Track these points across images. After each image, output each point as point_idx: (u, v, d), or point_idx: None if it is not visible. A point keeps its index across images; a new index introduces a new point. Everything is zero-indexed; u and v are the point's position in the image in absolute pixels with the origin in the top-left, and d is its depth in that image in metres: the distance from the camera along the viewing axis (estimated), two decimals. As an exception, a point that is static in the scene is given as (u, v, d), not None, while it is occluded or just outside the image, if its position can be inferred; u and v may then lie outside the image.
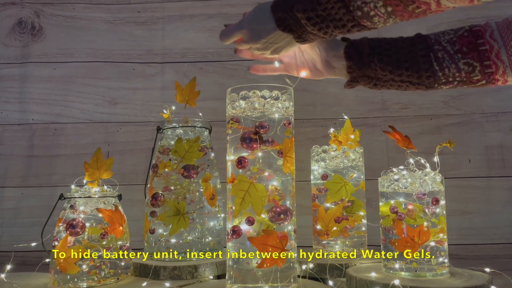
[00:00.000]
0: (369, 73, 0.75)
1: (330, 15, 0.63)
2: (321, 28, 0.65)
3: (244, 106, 0.78)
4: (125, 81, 1.48)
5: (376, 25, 0.63)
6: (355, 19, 0.61)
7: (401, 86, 0.75)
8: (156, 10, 1.50)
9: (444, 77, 0.71)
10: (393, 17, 0.59)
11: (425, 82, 0.72)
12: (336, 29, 0.64)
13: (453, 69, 0.70)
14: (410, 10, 0.57)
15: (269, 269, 0.74)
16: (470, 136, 1.40)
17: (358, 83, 0.78)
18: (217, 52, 1.48)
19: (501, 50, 0.67)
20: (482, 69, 0.69)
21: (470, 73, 0.70)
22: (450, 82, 0.72)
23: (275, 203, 0.76)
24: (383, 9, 0.58)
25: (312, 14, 0.64)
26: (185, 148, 1.00)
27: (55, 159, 1.43)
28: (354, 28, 0.64)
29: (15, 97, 1.46)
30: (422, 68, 0.71)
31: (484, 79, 0.70)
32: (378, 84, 0.76)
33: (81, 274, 0.84)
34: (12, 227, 1.40)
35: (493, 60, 0.68)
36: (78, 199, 0.87)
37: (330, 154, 1.07)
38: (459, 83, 0.72)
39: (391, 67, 0.73)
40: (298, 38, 0.70)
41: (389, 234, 0.86)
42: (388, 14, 0.59)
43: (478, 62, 0.69)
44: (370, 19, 0.61)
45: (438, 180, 0.86)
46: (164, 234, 0.98)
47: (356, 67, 0.75)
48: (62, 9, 1.50)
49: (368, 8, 0.59)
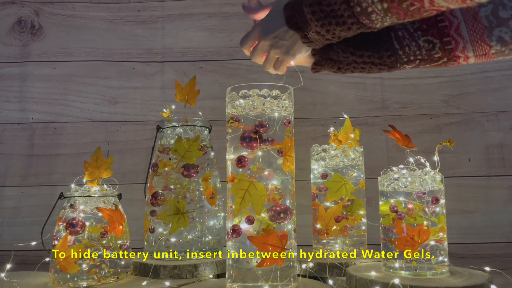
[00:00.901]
0: (332, 56, 0.76)
1: (333, 11, 0.63)
2: (323, 24, 0.66)
3: (244, 105, 0.78)
4: (125, 80, 1.48)
5: (374, 24, 0.63)
6: (354, 15, 0.62)
7: (364, 68, 0.76)
8: (156, 9, 1.50)
9: (405, 55, 0.72)
10: (390, 15, 0.60)
11: (386, 62, 0.73)
12: (338, 26, 0.65)
13: (413, 47, 0.70)
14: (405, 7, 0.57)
15: (269, 268, 0.74)
16: (470, 135, 1.40)
17: (323, 66, 0.80)
18: (217, 51, 1.48)
19: (460, 25, 0.67)
20: (442, 46, 0.69)
21: (430, 51, 0.70)
22: (412, 61, 0.72)
23: (275, 202, 0.76)
24: (379, 5, 0.58)
25: (317, 8, 0.65)
26: (185, 147, 1.00)
27: (55, 158, 1.43)
28: (354, 26, 0.64)
29: (15, 96, 1.46)
30: (383, 47, 0.72)
31: (445, 56, 0.70)
32: (342, 67, 0.77)
33: (81, 273, 0.84)
34: (12, 226, 1.40)
35: (453, 36, 0.68)
36: (78, 198, 0.87)
37: (330, 153, 1.07)
38: (421, 62, 0.72)
39: (351, 48, 0.73)
40: (304, 38, 0.71)
41: (389, 233, 0.86)
42: (384, 11, 0.59)
43: (438, 38, 0.69)
44: (368, 16, 0.61)
45: (438, 179, 0.86)
46: (164, 233, 0.98)
47: (318, 50, 0.77)
48: (62, 8, 1.50)
49: (366, 3, 0.59)
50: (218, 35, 1.48)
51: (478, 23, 0.66)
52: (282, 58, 0.77)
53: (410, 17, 0.60)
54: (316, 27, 0.67)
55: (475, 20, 0.66)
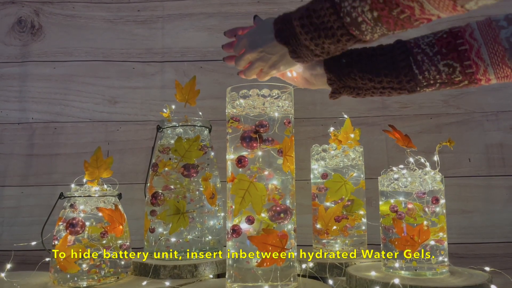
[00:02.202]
0: (350, 83, 0.76)
1: (322, 23, 0.63)
2: (313, 37, 0.65)
3: (244, 105, 0.78)
4: (125, 80, 1.48)
5: (364, 35, 0.62)
6: (344, 26, 0.61)
7: (383, 92, 0.75)
8: (156, 9, 1.50)
9: (425, 80, 0.70)
10: (380, 24, 0.59)
11: (406, 86, 0.72)
12: (327, 38, 0.64)
13: (433, 72, 0.69)
14: (395, 15, 0.56)
15: (269, 268, 0.74)
16: (470, 135, 1.40)
17: (341, 94, 0.79)
18: (217, 51, 1.48)
19: (481, 49, 0.66)
20: (463, 69, 0.68)
21: (450, 75, 0.69)
22: (432, 85, 0.71)
23: (275, 202, 0.76)
24: (369, 14, 0.58)
25: (307, 21, 0.64)
26: (185, 147, 1.00)
27: (55, 158, 1.43)
28: (343, 38, 0.63)
29: (15, 96, 1.46)
30: (402, 72, 0.71)
31: (466, 80, 0.69)
32: (361, 93, 0.77)
33: (81, 273, 0.84)
34: (12, 226, 1.40)
35: (473, 59, 0.67)
36: (78, 198, 0.87)
37: (330, 153, 1.06)
38: (441, 85, 0.71)
39: (370, 75, 0.73)
40: (292, 53, 0.70)
41: (389, 233, 0.86)
42: (374, 20, 0.58)
43: (458, 62, 0.68)
44: (358, 26, 0.60)
45: (438, 179, 0.86)
46: (164, 233, 0.98)
47: (336, 79, 0.76)
48: (62, 7, 1.50)
49: (356, 13, 0.59)
50: (218, 35, 1.48)
51: (498, 46, 0.65)
52: (266, 70, 0.77)
53: (401, 27, 0.59)
54: (305, 40, 0.66)
55: (495, 42, 0.65)
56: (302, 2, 1.47)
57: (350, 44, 0.65)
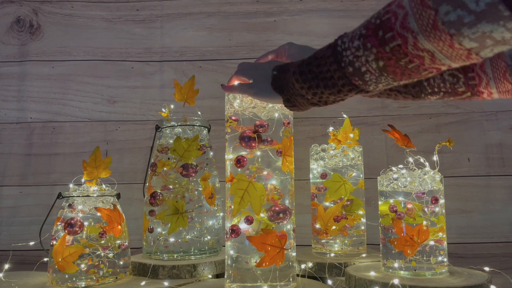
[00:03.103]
0: None
1: (321, 73, 0.60)
2: (310, 86, 0.62)
3: (243, 105, 0.78)
4: (124, 79, 1.47)
5: (367, 85, 0.59)
6: (346, 76, 0.58)
7: (390, 95, 0.75)
8: (155, 8, 1.50)
9: (430, 87, 0.70)
10: (385, 74, 0.56)
11: (411, 91, 0.72)
12: (326, 88, 0.61)
13: (438, 80, 0.69)
14: (403, 65, 0.53)
15: (268, 268, 0.74)
16: (469, 135, 1.40)
17: None
18: (216, 50, 1.48)
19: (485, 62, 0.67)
20: (466, 80, 0.68)
21: (454, 85, 0.69)
22: (436, 93, 0.71)
23: (274, 202, 0.76)
24: (374, 64, 0.55)
25: (306, 68, 0.62)
26: (184, 146, 0.99)
27: (53, 158, 1.43)
28: (344, 88, 0.60)
29: (13, 96, 1.46)
30: None
31: (468, 91, 0.69)
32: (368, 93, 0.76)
33: (80, 273, 0.83)
34: (11, 226, 1.39)
35: (477, 72, 0.67)
36: (76, 198, 0.87)
37: (329, 153, 1.06)
38: (445, 94, 0.71)
39: None
40: (286, 102, 0.68)
41: (388, 233, 0.86)
42: (380, 70, 0.55)
43: (462, 73, 0.68)
44: (361, 76, 0.57)
45: (437, 179, 0.86)
46: (163, 233, 0.98)
47: None
48: (60, 7, 1.49)
49: (360, 63, 0.56)
50: (217, 35, 1.48)
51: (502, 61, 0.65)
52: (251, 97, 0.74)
53: (408, 77, 0.56)
54: (301, 89, 0.64)
55: (499, 58, 0.65)
56: (302, 2, 1.47)
57: (351, 95, 0.63)
